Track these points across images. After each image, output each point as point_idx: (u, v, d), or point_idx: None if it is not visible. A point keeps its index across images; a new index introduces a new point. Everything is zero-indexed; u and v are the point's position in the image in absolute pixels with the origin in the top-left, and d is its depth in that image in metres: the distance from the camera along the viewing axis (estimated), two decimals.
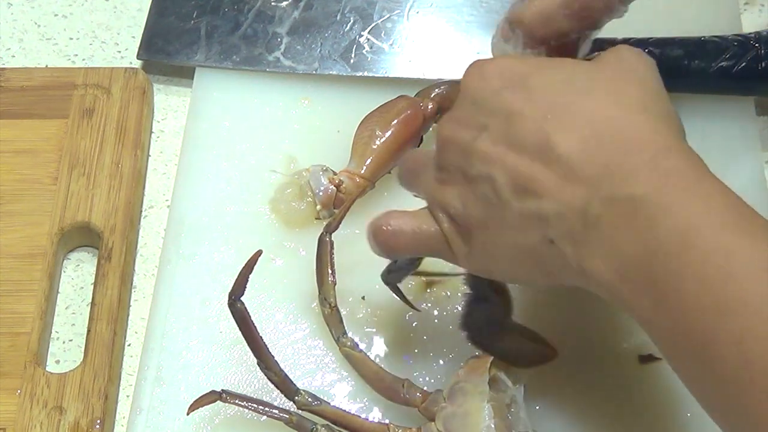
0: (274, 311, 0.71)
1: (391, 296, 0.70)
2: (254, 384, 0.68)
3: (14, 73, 0.81)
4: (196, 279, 0.72)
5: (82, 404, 0.67)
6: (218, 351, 0.70)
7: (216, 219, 0.75)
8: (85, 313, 0.72)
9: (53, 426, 0.67)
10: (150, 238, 0.76)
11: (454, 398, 0.60)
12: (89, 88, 0.80)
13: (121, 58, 0.84)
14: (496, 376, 0.61)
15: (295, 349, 0.70)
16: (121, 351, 0.71)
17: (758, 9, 0.85)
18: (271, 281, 0.72)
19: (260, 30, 0.82)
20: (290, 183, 0.75)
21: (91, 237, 0.74)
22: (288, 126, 0.79)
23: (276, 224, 0.75)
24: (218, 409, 0.67)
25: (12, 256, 0.73)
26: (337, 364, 0.69)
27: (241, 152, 0.78)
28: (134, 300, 0.73)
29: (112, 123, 0.78)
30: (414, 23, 0.82)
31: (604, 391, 0.67)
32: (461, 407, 0.60)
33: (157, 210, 0.77)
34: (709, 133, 0.77)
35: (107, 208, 0.75)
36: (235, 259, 0.73)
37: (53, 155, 0.77)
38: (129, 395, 0.69)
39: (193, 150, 0.78)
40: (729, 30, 0.77)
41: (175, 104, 0.82)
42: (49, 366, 0.70)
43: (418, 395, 0.62)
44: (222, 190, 0.76)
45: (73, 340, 0.72)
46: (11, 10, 0.87)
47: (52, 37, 0.86)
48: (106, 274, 0.72)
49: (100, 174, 0.76)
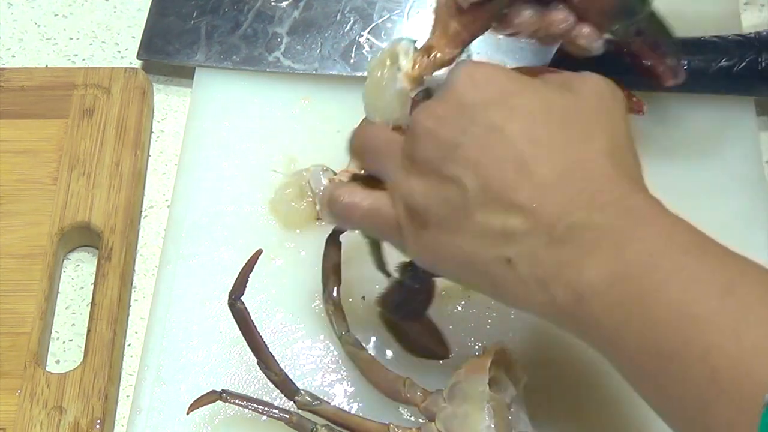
0: (274, 311, 0.71)
1: None
2: (254, 384, 0.68)
3: (14, 73, 0.81)
4: (196, 279, 0.72)
5: (82, 404, 0.67)
6: (218, 351, 0.70)
7: (216, 219, 0.75)
8: (85, 313, 0.72)
9: (53, 426, 0.67)
10: (150, 238, 0.76)
11: (454, 399, 0.60)
12: (89, 88, 0.80)
13: (121, 58, 0.84)
14: (496, 377, 0.61)
15: (295, 350, 0.70)
16: (121, 351, 0.71)
17: (758, 9, 0.85)
18: (271, 281, 0.72)
19: (260, 30, 0.82)
20: (290, 183, 0.75)
21: (91, 237, 0.74)
22: (288, 126, 0.79)
23: (276, 224, 0.75)
24: (218, 409, 0.67)
25: (12, 256, 0.73)
26: (337, 364, 0.69)
27: (241, 152, 0.78)
28: (134, 300, 0.73)
29: (112, 123, 0.78)
30: (414, 23, 0.82)
31: (605, 390, 0.67)
32: (461, 407, 0.60)
33: (157, 210, 0.77)
34: (710, 133, 0.77)
35: (107, 208, 0.75)
36: (235, 259, 0.73)
37: (53, 155, 0.77)
38: (129, 395, 0.69)
39: (193, 150, 0.78)
40: (729, 30, 0.77)
41: (175, 104, 0.82)
42: (49, 366, 0.70)
43: (418, 394, 0.62)
44: (222, 190, 0.76)
45: (73, 340, 0.72)
46: (11, 10, 0.87)
47: (52, 37, 0.86)
48: (106, 274, 0.72)
49: (100, 174, 0.76)
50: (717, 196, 0.75)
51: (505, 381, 0.61)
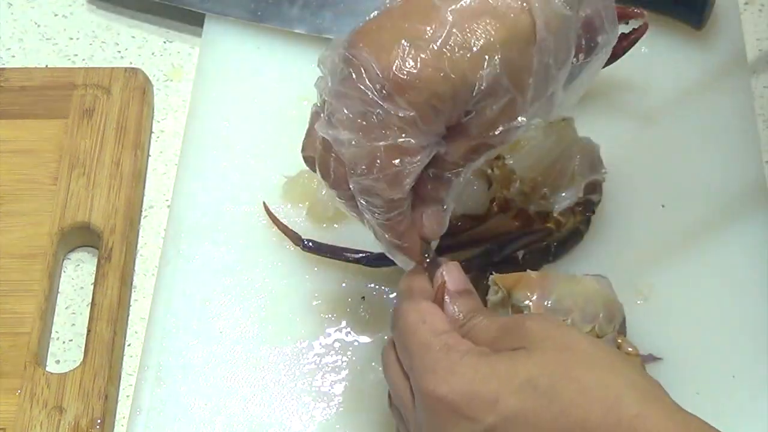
0: (274, 311, 0.71)
1: (390, 296, 0.70)
2: (254, 384, 0.68)
3: (14, 73, 0.81)
4: (196, 279, 0.72)
5: (82, 404, 0.67)
6: (218, 351, 0.70)
7: (216, 219, 0.75)
8: (85, 313, 0.72)
9: (53, 426, 0.67)
10: (150, 238, 0.76)
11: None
12: (89, 88, 0.80)
13: (121, 58, 0.84)
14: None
15: (295, 350, 0.70)
16: (121, 351, 0.71)
17: (758, 9, 0.85)
18: (272, 281, 0.72)
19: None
20: (291, 184, 0.75)
21: (91, 237, 0.74)
22: (288, 126, 0.79)
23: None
24: (218, 408, 0.67)
25: (12, 256, 0.73)
26: (337, 363, 0.69)
27: (241, 152, 0.78)
28: (134, 300, 0.73)
29: (112, 123, 0.78)
30: None
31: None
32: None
33: (157, 210, 0.77)
34: (710, 133, 0.77)
35: (107, 208, 0.75)
36: (235, 259, 0.73)
37: (53, 155, 0.77)
38: (129, 395, 0.69)
39: (193, 150, 0.78)
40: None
41: (175, 104, 0.82)
42: (49, 366, 0.70)
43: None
44: (222, 190, 0.76)
45: (73, 340, 0.72)
46: (11, 10, 0.87)
47: (52, 37, 0.86)
48: (106, 274, 0.72)
49: (100, 174, 0.76)
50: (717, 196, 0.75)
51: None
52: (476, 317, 0.56)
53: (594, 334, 0.64)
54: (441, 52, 0.53)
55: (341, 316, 0.70)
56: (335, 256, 0.71)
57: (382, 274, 0.71)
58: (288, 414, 0.67)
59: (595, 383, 0.51)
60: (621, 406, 0.50)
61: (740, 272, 0.72)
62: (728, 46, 0.82)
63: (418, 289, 0.58)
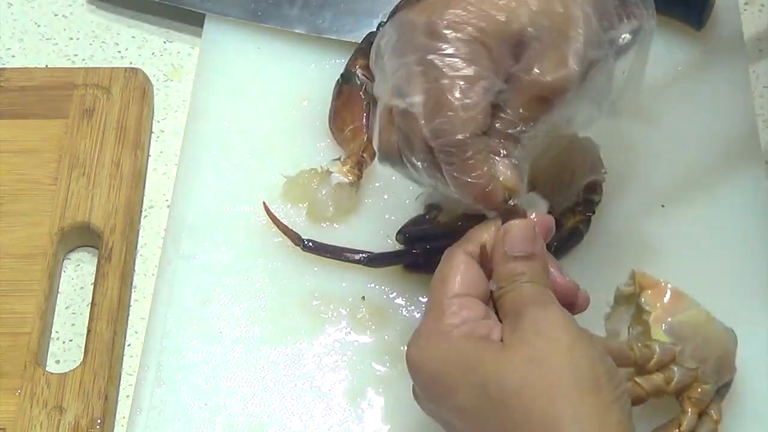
0: (274, 311, 0.71)
1: (391, 296, 0.70)
2: (254, 384, 0.68)
3: (14, 73, 0.81)
4: (196, 279, 0.72)
5: (82, 404, 0.67)
6: (218, 351, 0.70)
7: (216, 219, 0.75)
8: (85, 313, 0.72)
9: (53, 426, 0.67)
10: (150, 238, 0.76)
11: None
12: (89, 88, 0.80)
13: (121, 58, 0.84)
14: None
15: (295, 350, 0.70)
16: (121, 351, 0.71)
17: (758, 9, 0.85)
18: (272, 281, 0.72)
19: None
20: (291, 184, 0.75)
21: (91, 237, 0.74)
22: (288, 126, 0.79)
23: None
24: (218, 409, 0.67)
25: (12, 256, 0.73)
26: (337, 363, 0.69)
27: (241, 152, 0.78)
28: (134, 300, 0.73)
29: (112, 123, 0.78)
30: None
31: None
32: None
33: (157, 210, 0.77)
34: (710, 133, 0.77)
35: (107, 208, 0.75)
36: (235, 259, 0.73)
37: (53, 155, 0.77)
38: (129, 395, 0.69)
39: (193, 150, 0.78)
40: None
41: (175, 104, 0.82)
42: (49, 366, 0.70)
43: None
44: (222, 190, 0.76)
45: (73, 340, 0.72)
46: (11, 10, 0.87)
47: (52, 37, 0.86)
48: (106, 274, 0.72)
49: (100, 174, 0.76)
50: (717, 196, 0.75)
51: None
52: (521, 283, 0.56)
53: (694, 376, 0.63)
54: (482, 1, 0.57)
55: (341, 316, 0.70)
56: (335, 256, 0.71)
57: (382, 274, 0.71)
58: (288, 414, 0.67)
59: (540, 412, 0.50)
60: None
61: (741, 273, 0.72)
62: (728, 47, 0.82)
63: (476, 239, 0.58)
